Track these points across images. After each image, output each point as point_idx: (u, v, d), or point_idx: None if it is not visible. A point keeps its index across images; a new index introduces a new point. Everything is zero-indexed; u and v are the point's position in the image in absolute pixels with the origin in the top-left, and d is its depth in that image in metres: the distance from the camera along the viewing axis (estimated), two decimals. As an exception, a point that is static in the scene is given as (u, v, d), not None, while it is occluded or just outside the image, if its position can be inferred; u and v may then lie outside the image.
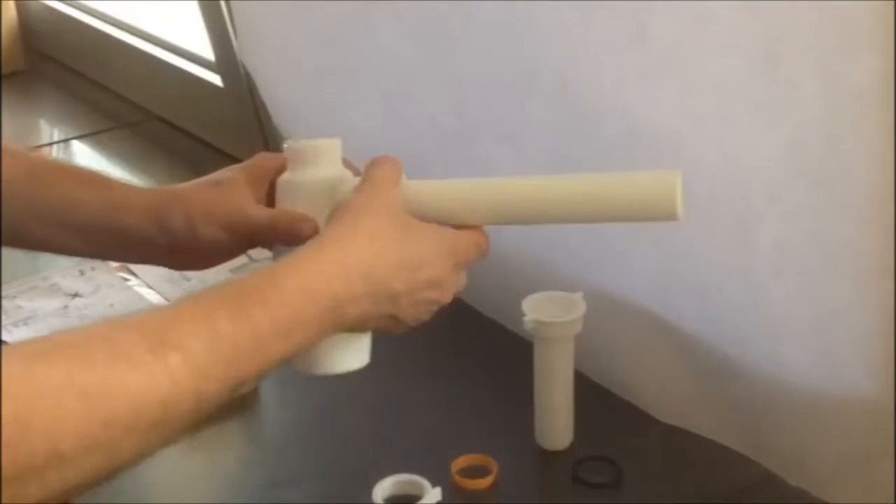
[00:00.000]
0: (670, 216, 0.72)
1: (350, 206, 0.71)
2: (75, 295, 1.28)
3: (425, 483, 0.92)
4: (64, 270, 1.33)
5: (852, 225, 0.80)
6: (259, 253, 0.93)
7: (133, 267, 1.34)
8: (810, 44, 0.77)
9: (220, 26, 1.53)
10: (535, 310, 0.96)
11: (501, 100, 1.06)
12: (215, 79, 1.64)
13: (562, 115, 0.99)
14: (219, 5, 1.51)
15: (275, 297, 0.65)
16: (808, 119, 0.79)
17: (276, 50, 1.39)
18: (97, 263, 1.34)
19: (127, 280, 1.32)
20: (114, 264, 1.34)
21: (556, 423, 1.00)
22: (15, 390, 0.54)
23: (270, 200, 0.81)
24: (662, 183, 0.72)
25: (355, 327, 0.72)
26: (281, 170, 0.80)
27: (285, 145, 0.81)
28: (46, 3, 2.06)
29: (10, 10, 2.07)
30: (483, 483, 0.95)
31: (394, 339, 1.19)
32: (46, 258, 1.37)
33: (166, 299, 1.28)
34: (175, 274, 1.32)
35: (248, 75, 1.50)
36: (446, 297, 0.75)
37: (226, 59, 1.57)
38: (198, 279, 1.31)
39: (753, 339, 0.93)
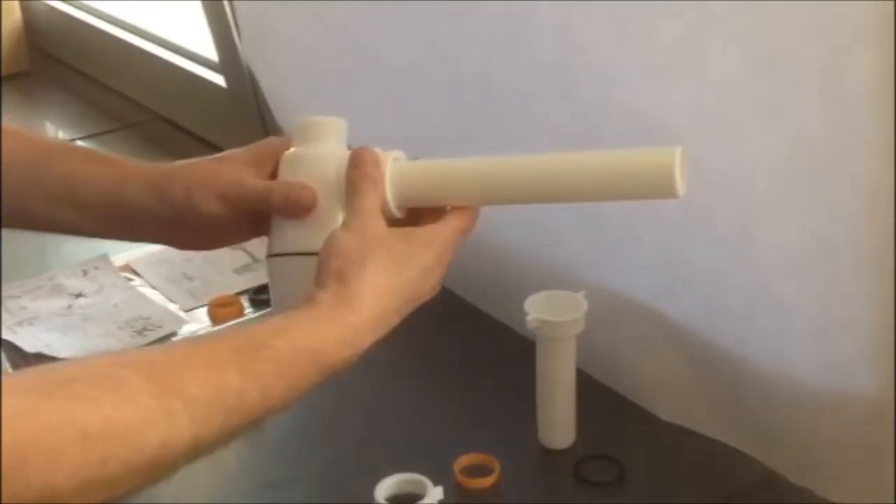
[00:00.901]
0: (670, 194, 0.69)
1: (350, 255, 0.71)
2: (79, 295, 1.29)
3: (427, 482, 0.92)
4: (68, 270, 1.33)
5: (854, 223, 0.80)
6: (262, 252, 0.93)
7: (136, 267, 1.34)
8: (812, 43, 0.77)
9: (224, 27, 1.54)
10: (538, 309, 0.96)
11: (505, 99, 1.06)
12: (219, 79, 1.64)
13: (564, 115, 0.99)
14: (222, 6, 1.51)
15: (286, 357, 0.66)
16: (810, 118, 0.79)
17: (280, 50, 1.39)
18: (101, 263, 1.34)
19: (130, 280, 1.32)
20: (118, 264, 1.35)
21: (558, 421, 1.00)
22: (16, 423, 0.54)
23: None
24: (661, 160, 0.69)
25: None
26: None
27: (295, 123, 0.81)
28: (51, 4, 2.06)
29: (15, 10, 2.08)
30: (485, 482, 0.95)
31: (395, 339, 1.20)
32: (51, 258, 1.38)
33: (169, 299, 1.28)
34: (177, 273, 1.33)
35: (251, 76, 1.50)
36: (435, 292, 0.77)
37: (229, 60, 1.57)
38: (201, 280, 1.31)
39: (756, 337, 0.92)
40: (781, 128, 0.82)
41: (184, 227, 0.81)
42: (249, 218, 0.80)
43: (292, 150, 0.80)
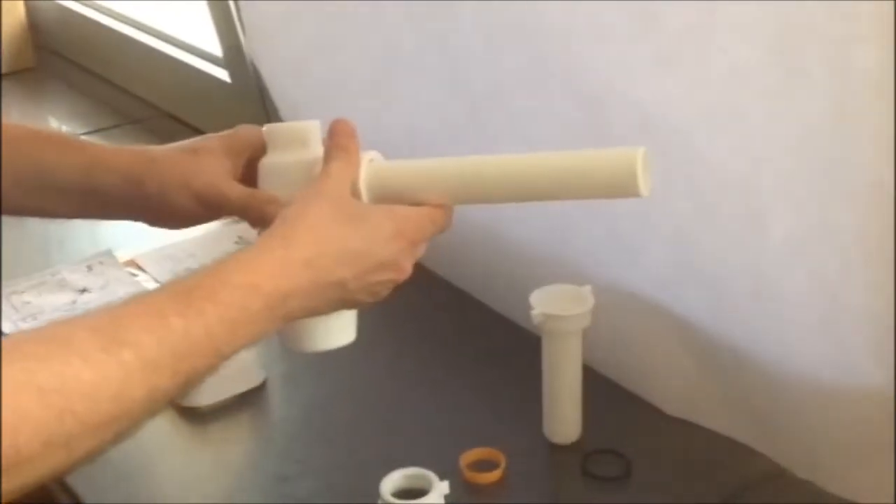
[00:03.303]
0: (633, 194, 0.71)
1: (296, 200, 0.72)
2: (83, 290, 1.29)
3: (433, 476, 0.92)
4: (72, 266, 1.33)
5: (862, 215, 0.80)
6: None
7: (141, 262, 1.34)
8: (819, 35, 0.77)
9: (228, 22, 1.54)
10: (544, 303, 0.96)
11: (511, 93, 1.06)
12: (223, 74, 1.64)
13: (571, 108, 0.99)
14: (226, 1, 1.51)
15: (222, 293, 0.66)
16: (817, 110, 0.79)
17: (284, 46, 1.39)
18: (105, 259, 1.34)
19: (135, 275, 1.32)
20: (122, 260, 1.35)
21: (564, 416, 1.00)
22: None
23: (247, 173, 0.82)
24: (624, 161, 0.71)
25: (307, 315, 0.73)
26: (260, 142, 0.81)
27: (265, 128, 0.81)
28: (55, 0, 2.06)
29: (19, 7, 2.07)
30: (491, 476, 0.95)
31: (401, 334, 1.20)
32: (55, 254, 1.38)
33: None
34: (182, 269, 1.33)
35: (255, 71, 1.50)
36: (402, 275, 0.75)
37: (233, 55, 1.57)
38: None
39: (763, 331, 0.92)
40: (788, 119, 0.81)
41: (157, 214, 0.83)
42: (220, 212, 0.82)
43: (269, 157, 0.80)
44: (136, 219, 0.85)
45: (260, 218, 0.78)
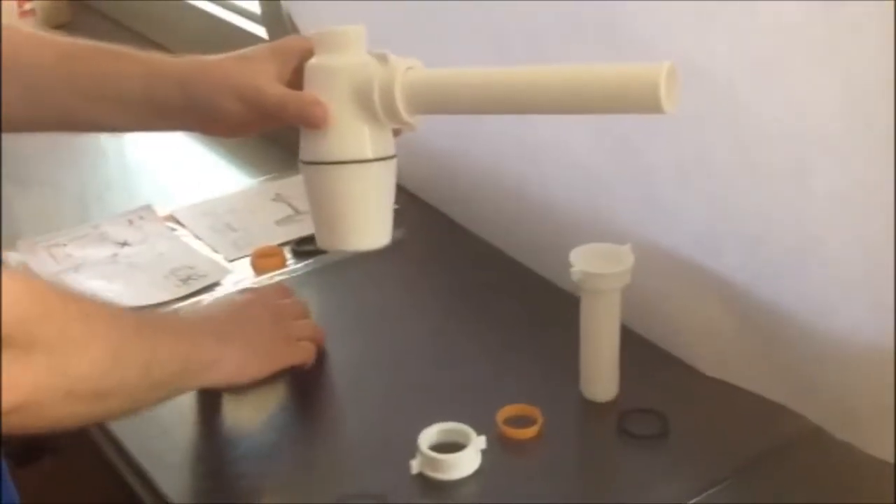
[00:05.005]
0: (656, 110, 0.73)
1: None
2: (124, 243, 1.30)
3: (471, 431, 0.92)
4: (113, 219, 1.34)
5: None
6: (304, 204, 0.94)
7: (180, 217, 1.35)
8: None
9: (266, -22, 1.53)
10: (583, 261, 0.96)
11: (547, 46, 1.04)
12: (261, 31, 1.64)
13: (609, 60, 0.97)
14: (265, -44, 1.50)
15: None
16: (866, 64, 0.77)
17: (322, 2, 1.39)
18: (145, 213, 1.35)
19: (174, 230, 1.33)
20: (161, 214, 1.35)
21: (601, 375, 1.00)
22: None
23: (296, 80, 0.83)
24: (649, 75, 0.73)
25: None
26: (309, 50, 0.82)
27: (312, 32, 0.84)
28: (93, -44, 2.06)
29: (57, -38, 2.08)
30: (528, 433, 0.95)
31: (440, 292, 1.20)
32: (94, 209, 1.39)
33: (213, 249, 1.28)
34: (221, 224, 1.33)
35: (294, 28, 1.49)
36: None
37: (271, 12, 1.57)
38: (244, 231, 1.32)
39: (804, 290, 0.91)
40: (835, 72, 0.80)
41: (209, 120, 0.86)
42: (265, 117, 0.85)
43: (315, 60, 0.82)
44: (190, 127, 0.90)
45: (301, 118, 0.80)
